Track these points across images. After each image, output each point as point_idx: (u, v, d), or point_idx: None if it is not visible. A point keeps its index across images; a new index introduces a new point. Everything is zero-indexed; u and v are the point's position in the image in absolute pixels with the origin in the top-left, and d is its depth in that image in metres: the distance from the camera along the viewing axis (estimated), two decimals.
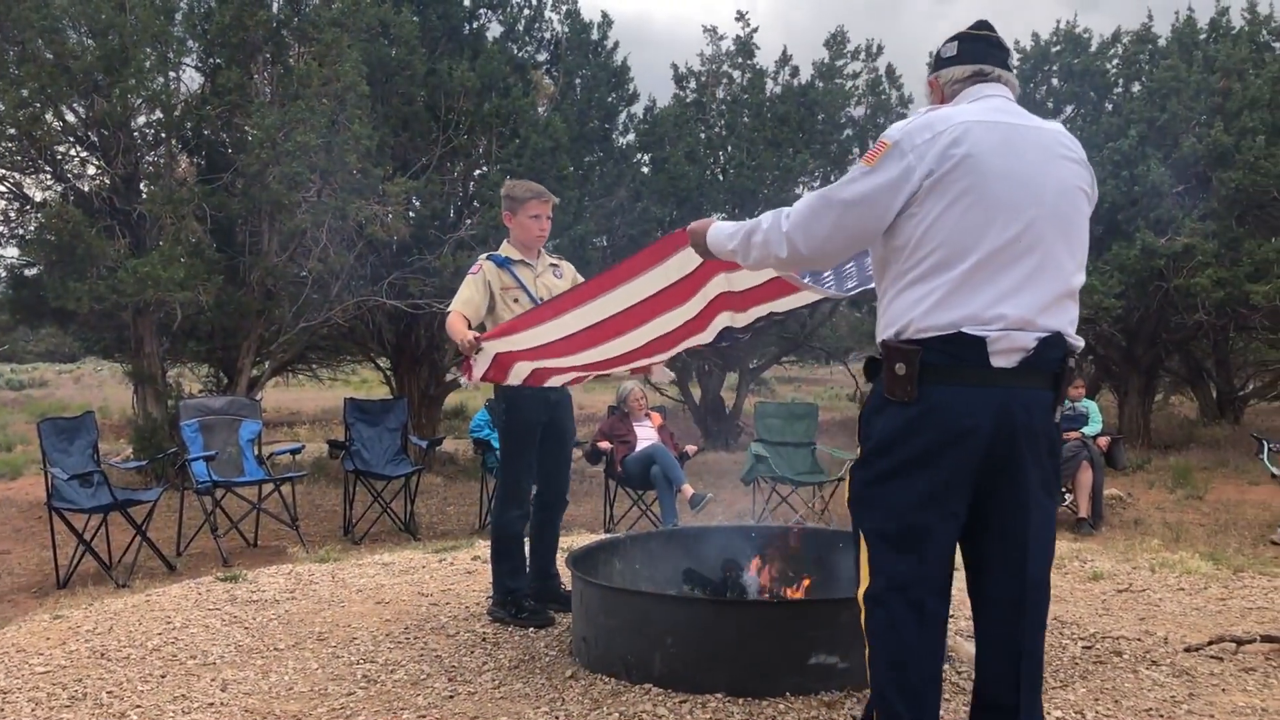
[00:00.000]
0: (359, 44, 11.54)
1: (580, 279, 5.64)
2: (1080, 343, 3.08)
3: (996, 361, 2.89)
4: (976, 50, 3.16)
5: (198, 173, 12.14)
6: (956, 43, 3.18)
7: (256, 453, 9.28)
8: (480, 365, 4.82)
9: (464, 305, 5.16)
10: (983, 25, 3.21)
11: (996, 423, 2.90)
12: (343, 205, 10.92)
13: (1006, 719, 3.06)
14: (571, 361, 4.89)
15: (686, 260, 3.82)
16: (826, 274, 4.16)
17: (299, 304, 11.73)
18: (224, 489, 8.66)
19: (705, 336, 4.66)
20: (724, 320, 4.57)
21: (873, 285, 3.35)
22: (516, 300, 5.27)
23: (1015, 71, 3.28)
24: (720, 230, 3.33)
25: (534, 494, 5.62)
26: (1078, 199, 3.05)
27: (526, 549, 5.45)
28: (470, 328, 5.03)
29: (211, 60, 12.20)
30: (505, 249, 5.40)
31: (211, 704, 4.15)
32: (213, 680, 4.44)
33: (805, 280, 3.97)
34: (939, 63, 3.21)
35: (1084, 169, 3.09)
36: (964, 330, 2.89)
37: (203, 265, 10.80)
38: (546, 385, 5.17)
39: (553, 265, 5.51)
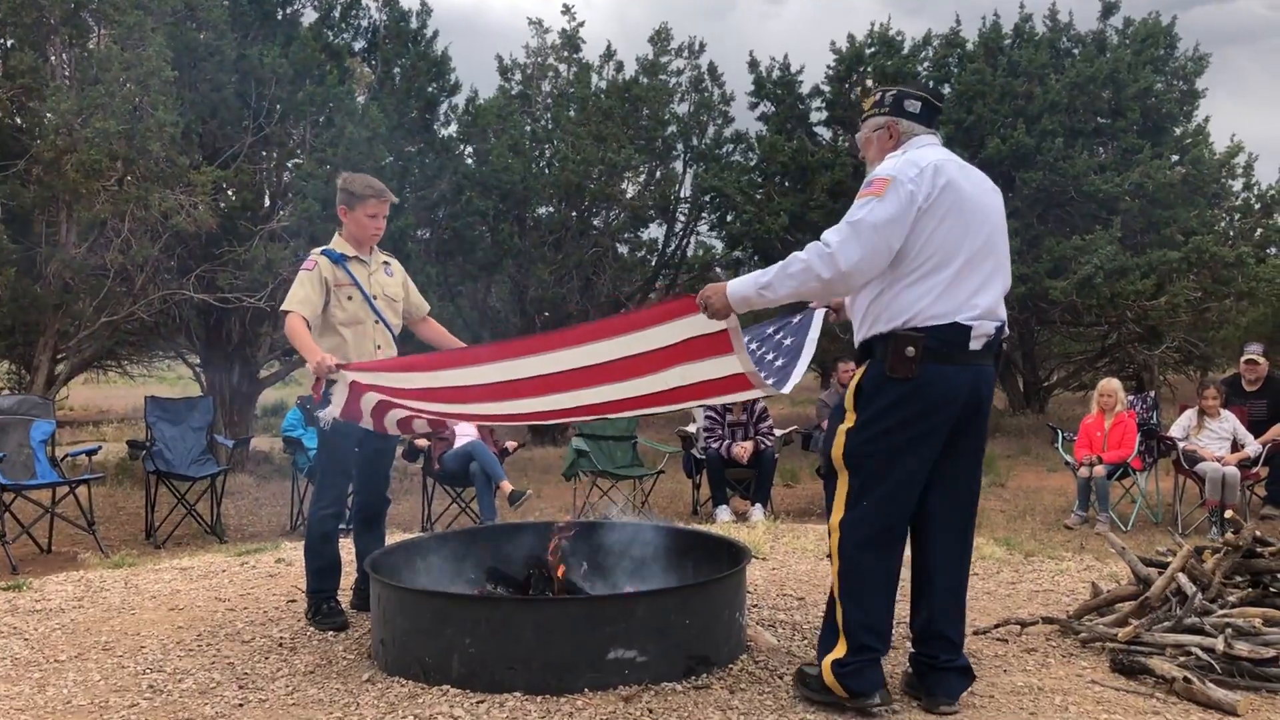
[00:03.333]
0: (164, 27, 11.08)
1: (409, 280, 5.51)
2: (1007, 329, 3.95)
3: (973, 345, 3.74)
4: (932, 117, 3.99)
5: None
6: (920, 103, 3.95)
7: (50, 454, 8.81)
8: (338, 397, 4.71)
9: (302, 305, 4.96)
10: (939, 97, 4.08)
11: (968, 393, 3.76)
12: (145, 195, 10.46)
13: (951, 650, 3.88)
14: (456, 409, 4.78)
15: (662, 336, 4.00)
16: (771, 363, 4.46)
17: (101, 298, 11.18)
18: (13, 493, 8.20)
19: (612, 413, 4.58)
20: (645, 409, 4.49)
21: (795, 381, 4.22)
22: (350, 298, 5.11)
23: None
24: (743, 279, 3.80)
25: (355, 495, 5.49)
26: (1004, 219, 3.94)
27: (339, 550, 5.30)
28: (310, 329, 4.92)
29: (3, 41, 11.54)
30: (339, 244, 5.20)
31: None
32: None
33: (757, 368, 4.17)
34: (902, 112, 3.94)
35: (1000, 198, 3.98)
36: (958, 320, 3.69)
37: None
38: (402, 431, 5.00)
39: (385, 263, 5.37)
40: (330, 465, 5.19)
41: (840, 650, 3.78)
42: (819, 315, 4.53)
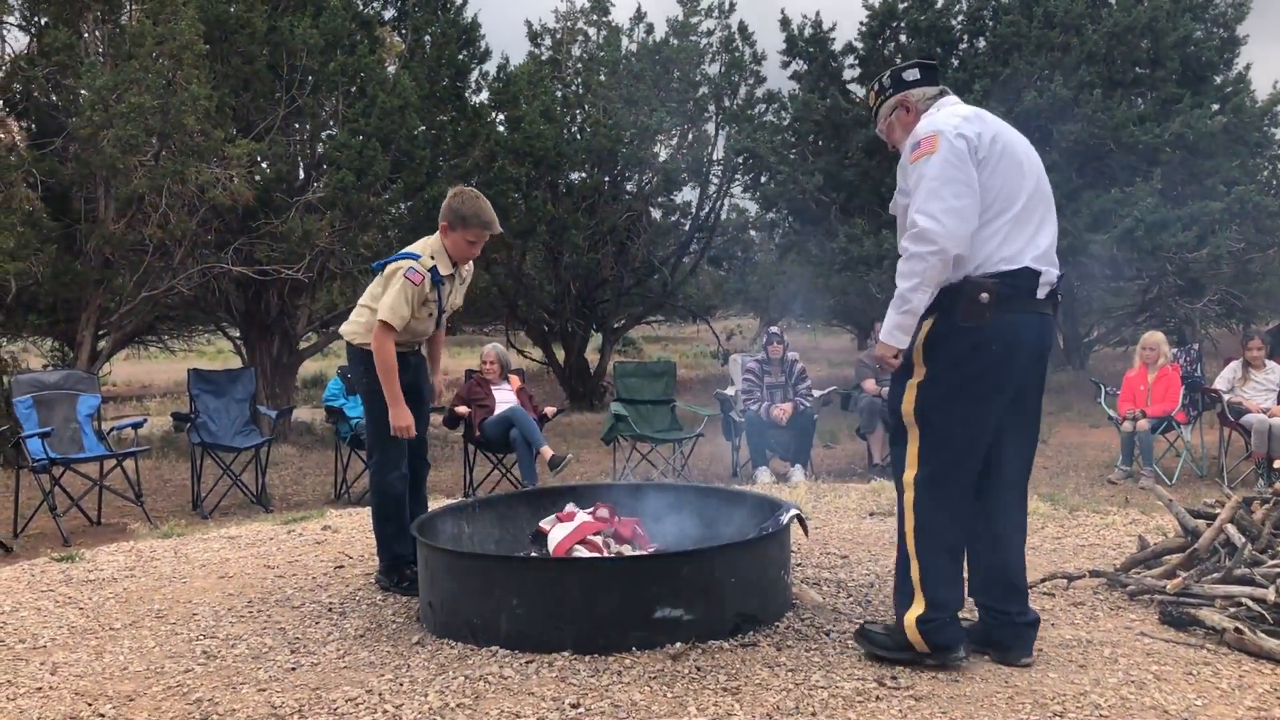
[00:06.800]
0: (195, 1, 11.10)
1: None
2: None
3: (1039, 294, 3.73)
4: (933, 75, 4.03)
5: (27, 137, 11.58)
6: (916, 69, 4.02)
7: (96, 428, 8.92)
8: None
9: (400, 320, 4.95)
10: (931, 57, 4.06)
11: (1036, 343, 3.76)
12: (182, 169, 10.53)
13: (1022, 601, 3.90)
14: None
15: None
16: None
17: (140, 273, 11.28)
18: (63, 466, 8.32)
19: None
20: None
21: None
22: (430, 314, 5.13)
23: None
24: (884, 323, 3.79)
25: None
26: (1043, 169, 3.93)
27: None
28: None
29: (37, 19, 11.61)
30: (440, 260, 5.09)
31: (39, 688, 3.98)
32: (42, 664, 4.26)
33: None
34: (903, 84, 4.00)
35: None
36: (1028, 265, 3.69)
37: (35, 234, 10.31)
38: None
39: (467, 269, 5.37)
40: (384, 428, 5.18)
41: (920, 606, 3.78)
42: None
